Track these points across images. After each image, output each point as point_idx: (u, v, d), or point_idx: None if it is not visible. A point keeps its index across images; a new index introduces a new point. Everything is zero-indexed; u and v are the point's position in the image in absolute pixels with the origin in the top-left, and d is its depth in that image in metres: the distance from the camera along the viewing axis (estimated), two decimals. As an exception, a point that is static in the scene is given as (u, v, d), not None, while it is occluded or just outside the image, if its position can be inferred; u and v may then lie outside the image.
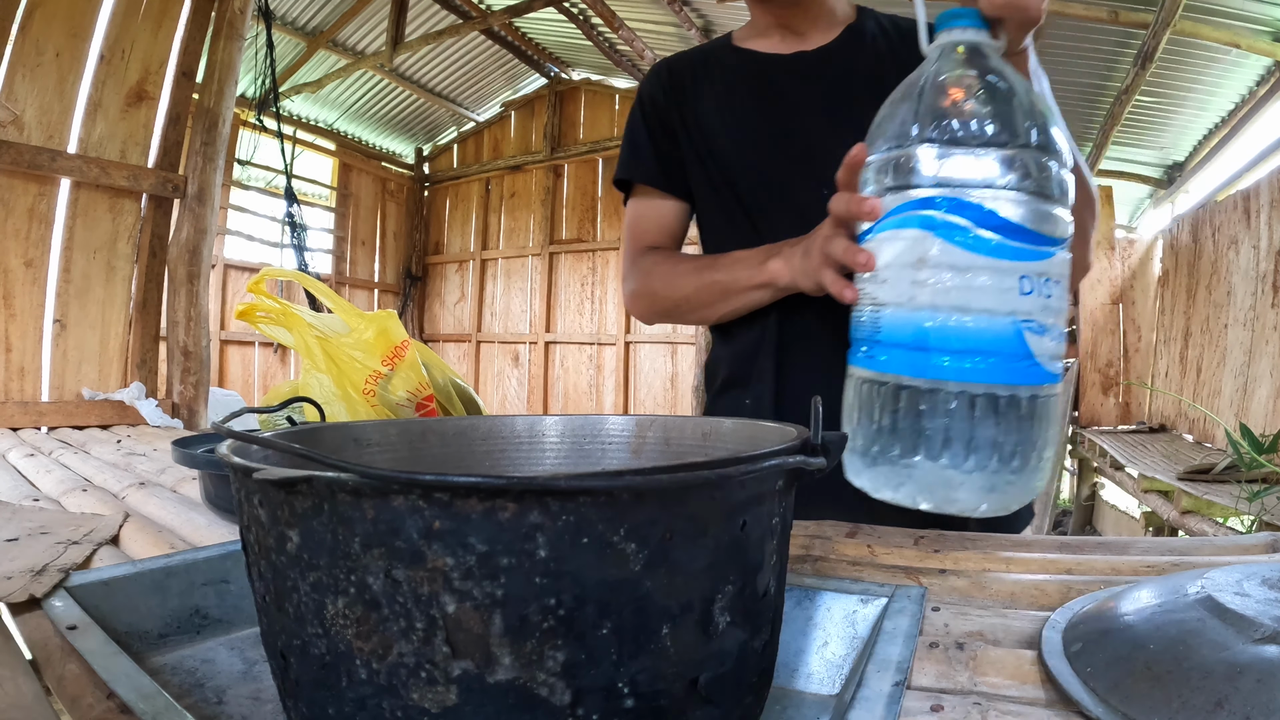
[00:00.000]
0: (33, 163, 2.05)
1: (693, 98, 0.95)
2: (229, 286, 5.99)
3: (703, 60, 0.98)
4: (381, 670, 0.27)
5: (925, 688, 0.38)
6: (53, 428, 1.91)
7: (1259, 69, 3.70)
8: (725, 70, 0.95)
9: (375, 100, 6.83)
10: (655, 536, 0.27)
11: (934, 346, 0.54)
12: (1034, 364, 0.54)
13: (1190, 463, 2.97)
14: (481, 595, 0.26)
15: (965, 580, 0.53)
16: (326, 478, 0.25)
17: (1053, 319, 0.55)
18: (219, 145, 2.43)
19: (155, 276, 2.42)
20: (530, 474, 0.50)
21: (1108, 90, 4.27)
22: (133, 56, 2.29)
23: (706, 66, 0.97)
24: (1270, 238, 3.25)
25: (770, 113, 0.92)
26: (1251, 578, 0.39)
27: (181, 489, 0.94)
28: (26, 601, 0.47)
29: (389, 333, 0.97)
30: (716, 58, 0.97)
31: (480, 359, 7.59)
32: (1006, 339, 0.54)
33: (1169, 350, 4.40)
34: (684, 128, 0.95)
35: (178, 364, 2.35)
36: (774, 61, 0.93)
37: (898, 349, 0.56)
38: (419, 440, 0.49)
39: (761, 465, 0.29)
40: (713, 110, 0.94)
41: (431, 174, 7.97)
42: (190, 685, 0.43)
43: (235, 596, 0.53)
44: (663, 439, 0.50)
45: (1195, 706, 0.31)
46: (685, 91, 0.96)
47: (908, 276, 0.56)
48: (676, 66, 0.98)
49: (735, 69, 0.95)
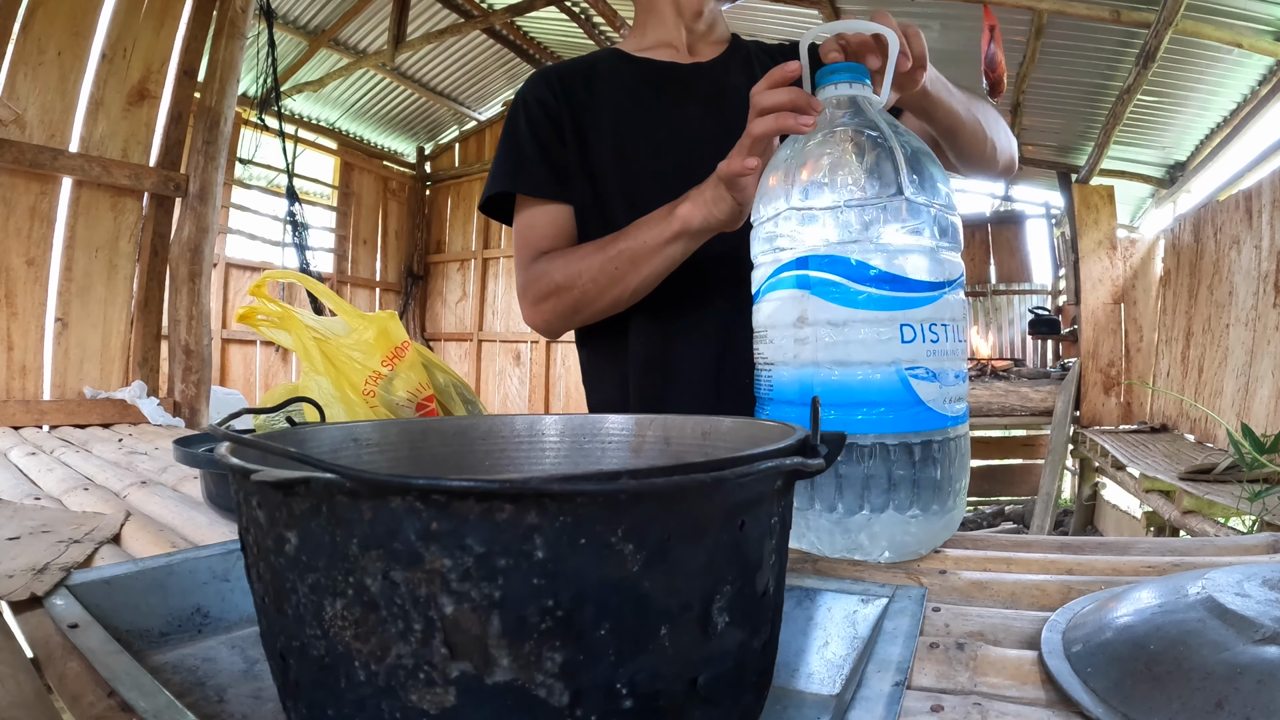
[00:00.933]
0: (34, 161, 2.06)
1: (583, 101, 0.95)
2: (230, 285, 5.99)
3: (591, 68, 0.98)
4: (380, 671, 0.27)
5: (925, 688, 0.38)
6: (54, 426, 1.91)
7: (1261, 68, 3.70)
8: (621, 76, 0.96)
9: (377, 99, 6.83)
10: (654, 537, 0.27)
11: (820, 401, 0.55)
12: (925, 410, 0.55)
13: (1192, 463, 2.97)
14: (479, 596, 0.25)
15: (965, 580, 0.53)
16: (324, 479, 0.25)
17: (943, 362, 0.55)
18: (221, 144, 2.43)
19: (157, 275, 2.42)
20: (530, 474, 0.50)
21: (1110, 90, 4.26)
22: (134, 55, 2.30)
23: (598, 73, 0.97)
24: (1272, 237, 3.25)
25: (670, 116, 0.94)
26: (1252, 578, 0.38)
27: (183, 488, 0.94)
28: (28, 600, 0.47)
29: (389, 333, 0.97)
30: (608, 65, 0.98)
31: (482, 358, 7.59)
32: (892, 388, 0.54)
33: (1170, 350, 4.39)
34: (574, 130, 0.94)
35: (179, 363, 2.35)
36: (673, 70, 0.96)
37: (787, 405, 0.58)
38: (419, 440, 0.49)
39: (760, 466, 0.29)
40: (608, 113, 0.94)
41: (433, 173, 7.97)
42: (191, 684, 0.43)
43: (236, 595, 0.53)
44: (662, 438, 0.50)
45: (1195, 707, 0.31)
46: (575, 96, 0.95)
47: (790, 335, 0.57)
48: (565, 72, 0.98)
49: (627, 75, 0.96)
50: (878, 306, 0.54)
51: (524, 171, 0.93)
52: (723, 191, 0.73)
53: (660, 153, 0.93)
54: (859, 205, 0.55)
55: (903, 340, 0.54)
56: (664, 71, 0.96)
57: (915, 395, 0.54)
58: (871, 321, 0.54)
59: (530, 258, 0.93)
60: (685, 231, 0.78)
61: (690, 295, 0.90)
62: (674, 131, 0.93)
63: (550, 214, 0.94)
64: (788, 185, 0.58)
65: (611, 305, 0.87)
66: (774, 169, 0.61)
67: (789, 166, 0.59)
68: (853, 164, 0.56)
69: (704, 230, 0.77)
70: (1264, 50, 3.35)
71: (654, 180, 0.90)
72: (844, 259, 0.54)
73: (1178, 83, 3.95)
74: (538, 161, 0.93)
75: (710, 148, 0.90)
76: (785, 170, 0.59)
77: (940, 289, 0.56)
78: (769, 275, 0.59)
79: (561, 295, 0.88)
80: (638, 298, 0.86)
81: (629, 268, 0.82)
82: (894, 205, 0.55)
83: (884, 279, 0.54)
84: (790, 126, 0.61)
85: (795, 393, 0.57)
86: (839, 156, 0.57)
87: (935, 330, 0.55)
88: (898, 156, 0.56)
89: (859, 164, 0.56)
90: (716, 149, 0.90)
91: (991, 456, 6.22)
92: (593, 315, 0.89)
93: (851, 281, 0.54)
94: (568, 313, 0.89)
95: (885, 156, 0.56)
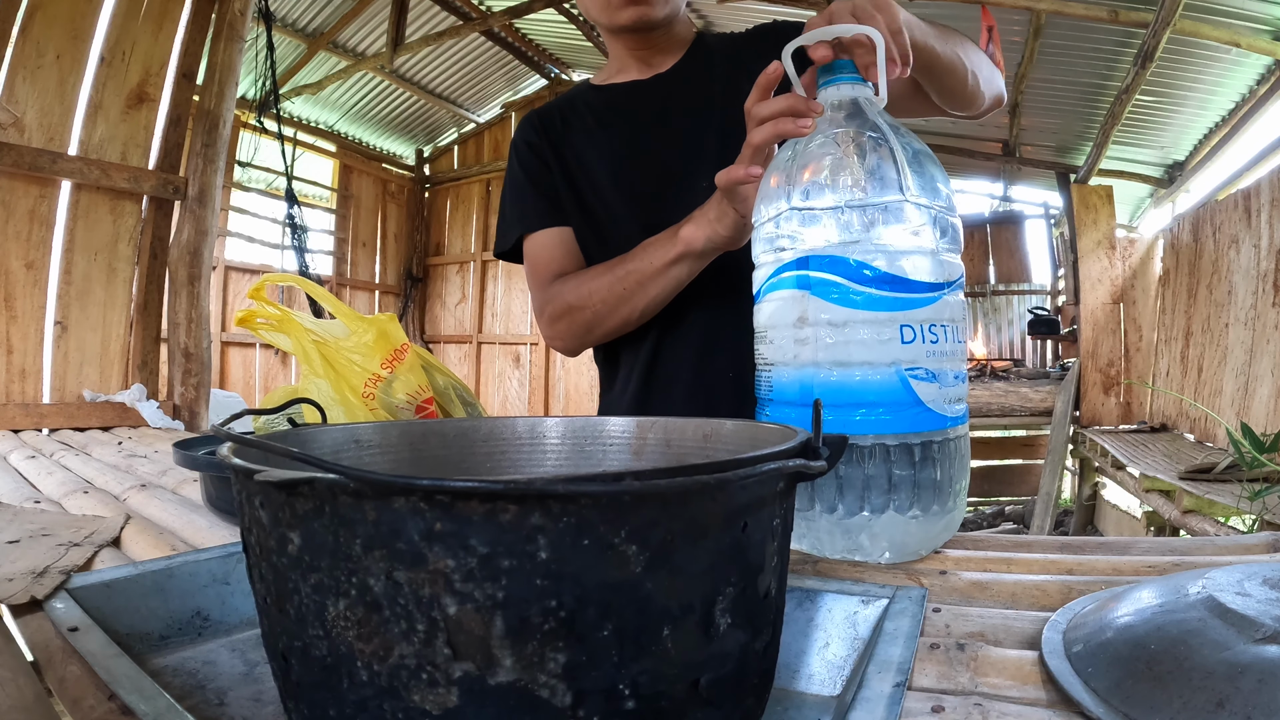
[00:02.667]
0: (33, 165, 2.06)
1: (561, 136, 1.00)
2: (230, 288, 5.99)
3: (569, 104, 1.03)
4: (383, 672, 0.27)
5: (926, 688, 0.38)
6: (54, 429, 1.91)
7: (1259, 68, 3.71)
8: (588, 108, 1.01)
9: (375, 102, 6.84)
10: (656, 538, 0.27)
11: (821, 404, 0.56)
12: (924, 410, 0.55)
13: (1192, 462, 2.97)
14: (483, 597, 0.26)
15: (966, 581, 0.53)
16: (328, 480, 0.25)
17: (943, 363, 0.56)
18: (220, 147, 2.43)
19: (156, 278, 2.42)
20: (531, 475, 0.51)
21: (1108, 90, 4.27)
22: (133, 58, 2.30)
23: (573, 108, 1.02)
24: (1271, 236, 3.25)
25: (623, 134, 0.97)
26: (1253, 577, 0.38)
27: (183, 491, 0.94)
28: (28, 603, 0.47)
29: (389, 336, 0.97)
30: (581, 99, 1.03)
31: (481, 360, 7.59)
32: (892, 389, 0.54)
33: (1170, 349, 4.40)
34: (559, 164, 0.98)
35: (179, 365, 2.35)
36: (632, 88, 0.99)
37: (787, 406, 0.58)
38: (420, 442, 0.49)
39: (762, 468, 0.29)
40: (581, 143, 0.98)
41: (432, 175, 7.97)
42: (191, 687, 0.43)
43: (236, 598, 0.53)
44: (664, 440, 0.50)
45: (1196, 707, 0.31)
46: (554, 132, 1.00)
47: (790, 335, 0.57)
48: (545, 113, 1.03)
49: (596, 104, 1.01)
50: (878, 307, 0.54)
51: (526, 209, 0.99)
52: (725, 207, 0.75)
53: (621, 168, 0.97)
54: (860, 206, 0.55)
55: (903, 341, 0.54)
56: (622, 92, 1.00)
57: (915, 396, 0.54)
58: (871, 322, 0.54)
59: (546, 280, 0.97)
60: (688, 253, 0.80)
61: (678, 297, 0.92)
62: (631, 146, 0.97)
63: (554, 237, 0.98)
64: (788, 186, 0.58)
65: (621, 325, 0.90)
66: (775, 170, 0.61)
67: (790, 167, 0.59)
68: (854, 165, 0.56)
69: (708, 250, 0.79)
70: (1262, 49, 3.36)
71: (625, 196, 0.95)
72: (844, 260, 0.55)
73: (1176, 82, 3.96)
74: (535, 196, 0.98)
75: (662, 157, 0.94)
76: (786, 171, 0.59)
77: (940, 290, 0.56)
78: (769, 276, 0.59)
79: (574, 315, 0.91)
80: (646, 317, 0.89)
81: (636, 289, 0.85)
82: (895, 206, 0.55)
83: (884, 280, 0.54)
84: (790, 131, 0.61)
85: (795, 393, 0.57)
86: (840, 158, 0.57)
87: (935, 331, 0.55)
88: (899, 158, 0.56)
89: (860, 165, 0.56)
90: (669, 157, 0.94)
91: (991, 457, 6.23)
92: (605, 334, 0.93)
93: (852, 282, 0.54)
94: (581, 332, 0.93)
95: (886, 158, 0.56)
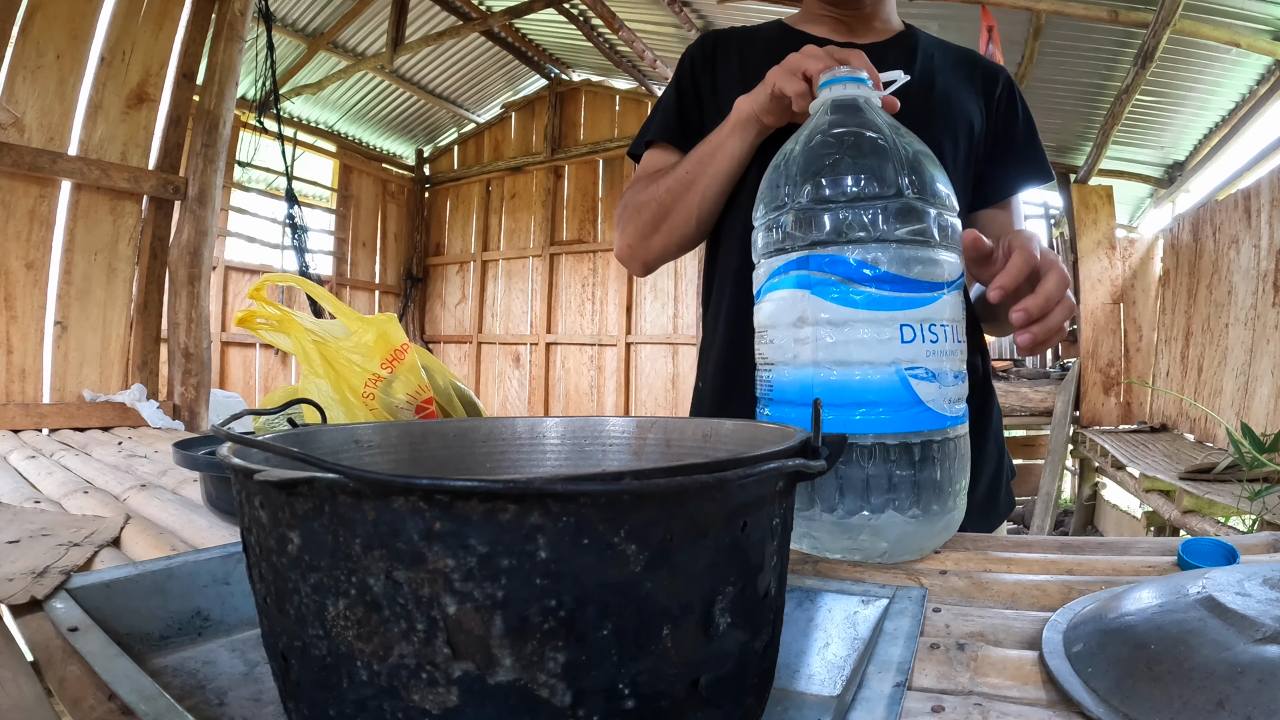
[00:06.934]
0: (33, 165, 2.06)
1: (724, 64, 0.98)
2: (230, 288, 5.99)
3: (749, 35, 1.00)
4: (382, 671, 0.27)
5: (926, 688, 0.38)
6: (54, 429, 1.91)
7: (1259, 68, 3.70)
8: (768, 44, 0.97)
9: (375, 102, 6.84)
10: (656, 538, 0.27)
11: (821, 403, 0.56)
12: (925, 410, 0.55)
13: (1191, 462, 2.97)
14: (482, 596, 0.26)
15: (966, 581, 0.53)
16: (328, 479, 0.25)
17: (943, 363, 0.55)
18: (220, 147, 2.43)
19: (156, 278, 2.42)
20: (531, 475, 0.50)
21: (1108, 90, 4.27)
22: (133, 58, 2.29)
23: (751, 40, 0.99)
24: (1271, 237, 3.25)
25: None
26: (1252, 577, 0.38)
27: (183, 491, 0.94)
28: (28, 603, 0.47)
29: (388, 336, 0.97)
30: (763, 33, 1.00)
31: (481, 360, 7.59)
32: (892, 388, 0.54)
33: (1170, 349, 4.40)
34: (711, 90, 0.97)
35: (179, 366, 2.35)
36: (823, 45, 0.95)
37: (787, 406, 0.58)
38: (420, 442, 0.49)
39: (761, 468, 0.29)
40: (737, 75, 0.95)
41: (432, 175, 7.97)
42: (192, 687, 0.43)
43: (236, 598, 0.53)
44: (663, 440, 0.50)
45: (1196, 707, 0.31)
46: (718, 58, 0.98)
47: (790, 335, 0.57)
48: (722, 35, 1.01)
49: (778, 44, 0.95)
50: (878, 307, 0.54)
51: (660, 120, 0.98)
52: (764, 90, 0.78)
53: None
54: (859, 205, 0.55)
55: (902, 340, 0.54)
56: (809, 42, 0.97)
57: (915, 395, 0.54)
58: (871, 321, 0.54)
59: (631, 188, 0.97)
60: (739, 120, 0.82)
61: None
62: None
63: (667, 157, 0.97)
64: (789, 185, 0.58)
65: (684, 219, 0.89)
66: (775, 168, 0.61)
67: (790, 166, 0.59)
68: (854, 164, 0.56)
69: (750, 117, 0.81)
70: (1262, 49, 3.36)
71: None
72: (844, 259, 0.55)
73: (1176, 82, 3.95)
74: (673, 110, 0.97)
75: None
76: (786, 170, 0.59)
77: (940, 289, 0.56)
78: (769, 275, 0.59)
79: (641, 212, 0.92)
80: (706, 206, 0.88)
81: (697, 169, 0.86)
82: (894, 206, 0.55)
83: (884, 279, 0.54)
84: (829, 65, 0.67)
85: (795, 393, 0.57)
86: (840, 157, 0.57)
87: (935, 330, 0.55)
88: (898, 157, 0.56)
89: (860, 164, 0.56)
90: None
91: (991, 457, 6.21)
92: (670, 231, 0.91)
93: (852, 281, 0.54)
94: (648, 229, 0.92)
95: (886, 157, 0.56)
